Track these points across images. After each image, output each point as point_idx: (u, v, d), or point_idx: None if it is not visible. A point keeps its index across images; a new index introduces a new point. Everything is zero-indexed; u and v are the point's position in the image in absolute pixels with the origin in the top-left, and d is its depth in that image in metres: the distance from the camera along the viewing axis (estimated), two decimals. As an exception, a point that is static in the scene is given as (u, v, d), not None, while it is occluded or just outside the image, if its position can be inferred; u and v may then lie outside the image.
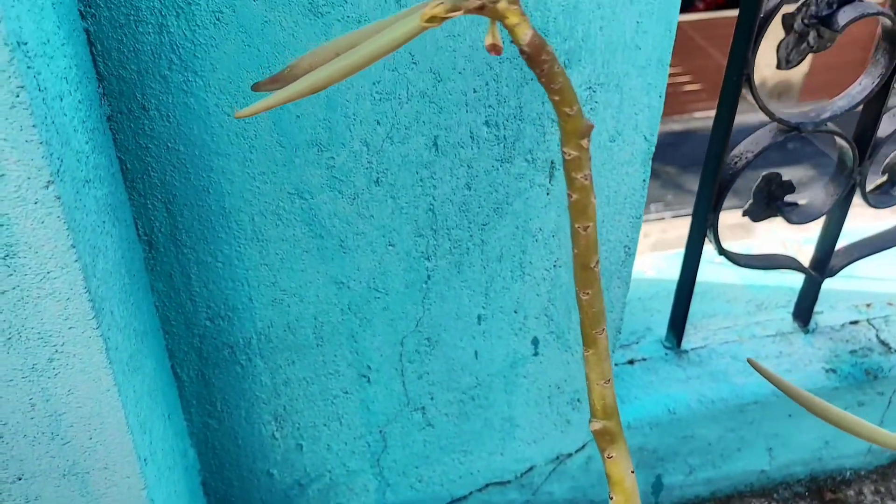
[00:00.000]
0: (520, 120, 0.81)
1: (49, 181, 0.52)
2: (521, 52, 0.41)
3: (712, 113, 1.02)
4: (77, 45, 0.64)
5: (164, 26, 0.69)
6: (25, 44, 0.50)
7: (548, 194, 0.87)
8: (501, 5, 0.42)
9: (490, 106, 0.80)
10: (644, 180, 0.90)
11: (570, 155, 0.44)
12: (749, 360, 0.67)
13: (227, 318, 0.88)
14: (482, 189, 0.85)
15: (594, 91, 0.82)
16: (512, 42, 0.41)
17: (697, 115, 9.88)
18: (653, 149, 0.88)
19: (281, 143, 0.77)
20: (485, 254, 0.90)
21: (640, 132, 0.86)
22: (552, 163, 0.85)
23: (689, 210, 1.11)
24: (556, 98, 0.42)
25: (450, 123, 0.80)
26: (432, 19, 0.43)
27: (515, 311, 0.97)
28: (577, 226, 0.46)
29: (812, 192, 1.13)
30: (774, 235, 1.47)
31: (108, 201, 0.69)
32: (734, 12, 0.95)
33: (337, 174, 0.80)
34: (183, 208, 0.79)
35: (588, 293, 0.48)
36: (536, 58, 0.41)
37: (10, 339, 0.58)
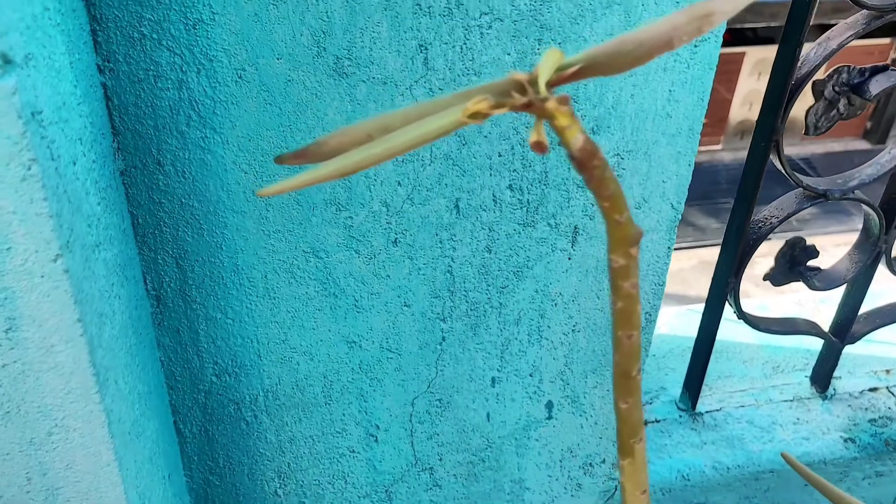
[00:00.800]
0: (544, 185, 0.79)
1: (58, 255, 0.50)
2: (571, 156, 0.39)
3: (713, 147, 1.00)
4: (93, 101, 0.62)
5: (184, 82, 0.66)
6: (40, 112, 0.48)
7: (569, 259, 0.85)
8: (551, 105, 0.39)
9: (514, 170, 0.77)
10: (669, 248, 0.87)
11: (617, 263, 0.41)
12: (784, 455, 0.64)
13: (234, 374, 0.85)
14: (502, 252, 0.83)
15: (622, 158, 0.79)
16: (560, 144, 0.39)
17: (699, 148, 9.87)
18: (679, 217, 0.85)
19: (298, 201, 0.75)
20: (502, 316, 0.88)
21: (667, 200, 0.83)
22: (575, 228, 0.83)
23: (688, 242, 1.08)
24: (606, 205, 0.40)
25: (472, 186, 0.77)
26: (475, 115, 0.41)
27: (531, 375, 0.94)
28: (620, 333, 0.43)
29: (835, 258, 1.10)
30: (791, 294, 1.44)
31: (118, 261, 0.66)
32: (737, 49, 0.92)
33: (354, 234, 0.78)
34: (194, 264, 0.77)
35: (628, 402, 0.46)
36: (587, 164, 0.38)
37: (8, 412, 0.55)
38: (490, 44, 0.70)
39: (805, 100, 0.95)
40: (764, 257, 1.17)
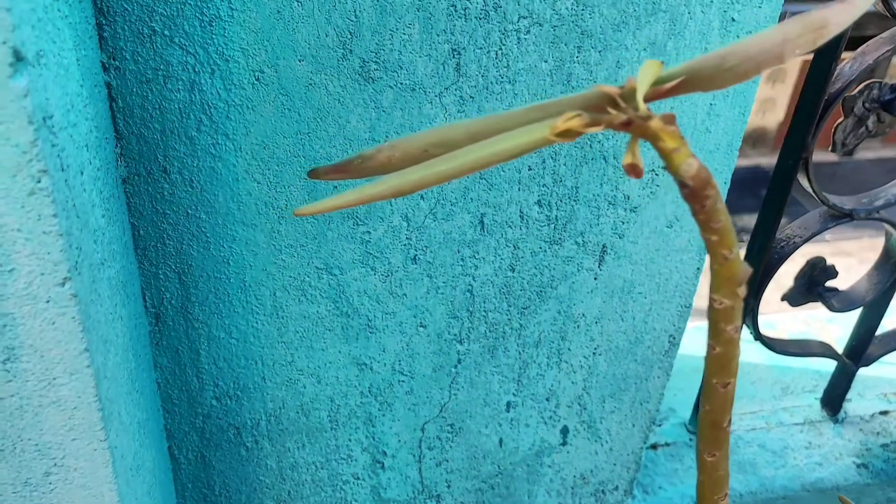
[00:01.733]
0: (574, 201, 0.74)
1: (66, 277, 0.44)
2: (681, 184, 0.34)
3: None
4: (98, 102, 0.56)
5: (197, 84, 0.61)
6: (51, 117, 0.42)
7: (595, 279, 0.80)
8: (655, 124, 0.34)
9: (544, 185, 0.73)
10: (699, 269, 0.83)
11: (721, 304, 0.37)
12: (841, 498, 0.59)
13: (235, 397, 0.79)
14: (526, 271, 0.78)
15: (656, 174, 0.75)
16: (665, 169, 0.34)
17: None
18: (711, 236, 0.81)
19: (314, 215, 0.69)
20: (522, 339, 0.83)
21: (699, 218, 0.79)
22: (604, 247, 0.78)
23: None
24: (714, 238, 0.35)
25: (499, 201, 0.73)
26: (566, 133, 0.36)
27: (547, 399, 0.89)
28: (714, 381, 0.39)
29: (854, 279, 1.07)
30: (797, 311, 1.41)
31: (120, 278, 0.60)
32: None
33: (371, 250, 0.73)
34: (198, 280, 0.71)
35: (715, 455, 0.41)
36: (699, 192, 0.34)
37: (2, 450, 0.49)
38: (527, 50, 0.65)
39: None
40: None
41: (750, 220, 1.04)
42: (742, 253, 0.99)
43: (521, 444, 0.92)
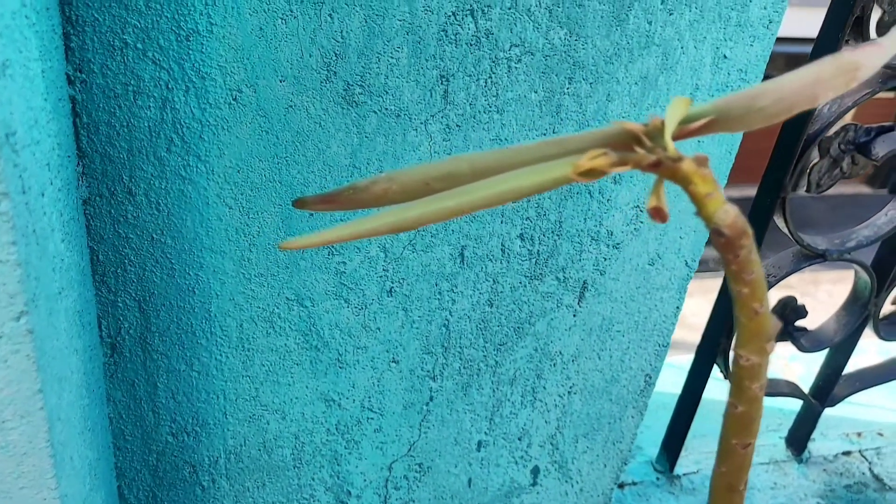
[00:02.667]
0: (557, 235, 0.72)
1: (22, 311, 0.39)
2: (714, 232, 0.32)
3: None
4: (61, 117, 0.52)
5: (169, 101, 0.57)
6: (14, 134, 0.38)
7: (574, 316, 0.78)
8: (687, 166, 0.32)
9: (528, 218, 0.70)
10: (678, 307, 0.81)
11: (748, 360, 0.34)
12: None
13: (193, 433, 0.74)
14: (505, 307, 0.75)
15: (640, 211, 0.73)
16: (697, 214, 0.32)
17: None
18: (692, 274, 0.80)
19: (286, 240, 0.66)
20: (497, 376, 0.80)
21: (681, 257, 0.78)
22: (584, 283, 0.76)
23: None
24: (745, 290, 0.33)
25: (481, 234, 0.70)
26: (589, 173, 0.33)
27: (520, 439, 0.86)
28: (734, 441, 0.36)
29: (823, 319, 1.07)
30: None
31: (76, 307, 0.56)
32: None
33: (346, 281, 0.69)
34: (160, 309, 0.66)
35: (726, 518, 0.38)
36: (735, 242, 0.31)
37: (-62, 501, 0.44)
38: (517, 79, 0.63)
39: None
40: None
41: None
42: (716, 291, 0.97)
43: (491, 484, 0.89)
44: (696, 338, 1.04)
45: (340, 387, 0.75)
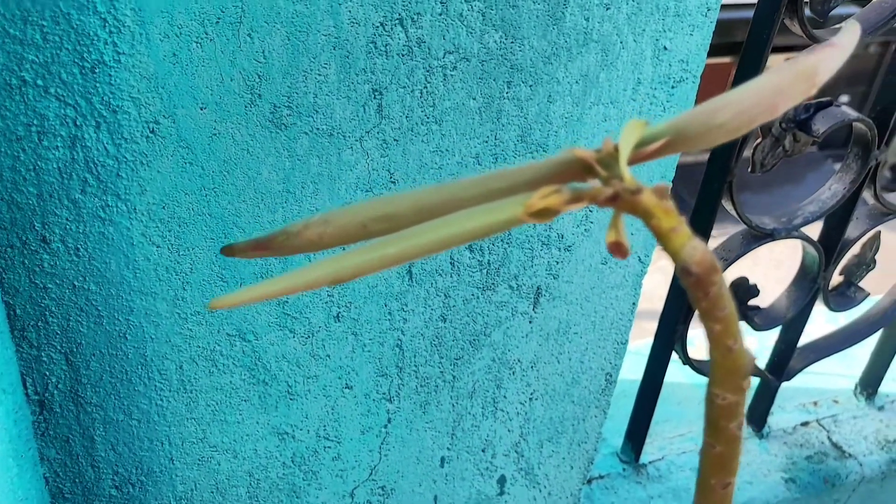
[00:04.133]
0: (507, 243, 0.69)
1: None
2: (682, 270, 0.29)
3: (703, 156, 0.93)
4: (-43, 168, 0.47)
5: (79, 139, 0.52)
6: None
7: (530, 322, 0.75)
8: (647, 198, 0.29)
9: (476, 229, 0.67)
10: (633, 303, 0.80)
11: (724, 399, 0.32)
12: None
13: (139, 483, 0.70)
14: (458, 320, 0.72)
15: (591, 210, 0.71)
16: (663, 250, 0.29)
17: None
18: (646, 270, 0.78)
19: (223, 276, 0.62)
20: (455, 391, 0.77)
21: (634, 253, 0.76)
22: (538, 289, 0.73)
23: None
24: (718, 328, 0.30)
25: (428, 249, 0.67)
26: (542, 213, 0.30)
27: (483, 450, 0.83)
28: (713, 482, 0.34)
29: (774, 296, 1.07)
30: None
31: (-5, 372, 0.51)
32: (724, 58, 0.87)
33: (289, 311, 0.65)
34: (90, 359, 0.62)
35: (714, 558, 0.36)
36: (705, 279, 0.29)
37: None
38: (454, 87, 0.59)
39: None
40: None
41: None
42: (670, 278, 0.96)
43: (457, 498, 0.86)
44: (658, 307, 1.01)
45: (293, 419, 0.72)
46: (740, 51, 0.80)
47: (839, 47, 0.34)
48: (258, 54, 0.53)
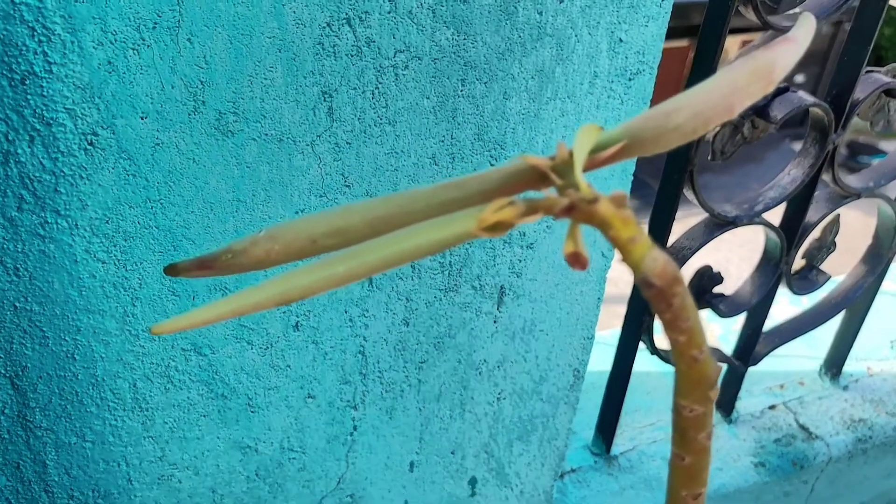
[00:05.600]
0: (468, 244, 0.68)
1: None
2: (642, 282, 0.28)
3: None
4: None
5: (12, 154, 0.49)
6: None
7: (495, 322, 0.74)
8: (604, 208, 0.28)
9: (435, 230, 0.66)
10: (599, 298, 0.79)
11: (692, 411, 0.31)
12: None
13: (97, 506, 0.68)
14: (422, 324, 0.71)
15: (552, 207, 0.70)
16: (622, 262, 0.28)
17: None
18: (610, 264, 0.77)
19: (174, 290, 0.59)
20: (421, 395, 0.76)
21: (597, 248, 0.75)
22: (501, 288, 0.72)
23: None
24: (682, 339, 0.29)
25: (387, 253, 0.65)
26: (496, 227, 0.29)
27: (452, 453, 0.82)
28: (684, 493, 0.33)
29: (738, 282, 1.07)
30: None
31: (-68, 404, 0.48)
32: (681, 41, 0.86)
33: (246, 322, 0.63)
34: (37, 382, 0.59)
35: (686, 570, 0.35)
36: (667, 291, 0.28)
37: None
38: (407, 86, 0.58)
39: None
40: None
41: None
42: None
43: (428, 502, 0.85)
44: (627, 293, 1.01)
45: (255, 431, 0.70)
46: (697, 33, 0.79)
47: (795, 42, 0.33)
48: (200, 59, 0.50)
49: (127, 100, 0.50)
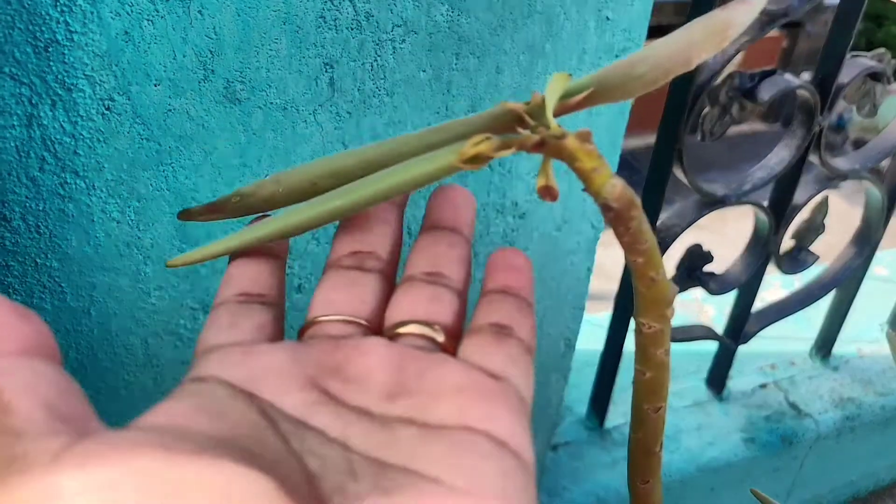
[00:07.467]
0: (463, 212, 0.71)
1: None
2: (603, 207, 0.31)
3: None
4: (-86, 147, 0.48)
5: (35, 118, 0.53)
6: None
7: (489, 290, 0.78)
8: (571, 143, 0.31)
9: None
10: (589, 268, 0.82)
11: (650, 328, 0.34)
12: (753, 491, 0.60)
13: (110, 459, 0.71)
14: (418, 289, 0.74)
15: (543, 178, 0.73)
16: (584, 190, 0.31)
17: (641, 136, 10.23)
18: (600, 235, 0.81)
19: (184, 251, 0.63)
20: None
21: (587, 219, 0.78)
22: (495, 256, 0.76)
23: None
24: (640, 260, 0.33)
25: (385, 220, 0.68)
26: (475, 159, 0.32)
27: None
28: (646, 407, 0.37)
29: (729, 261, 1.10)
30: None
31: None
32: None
33: (252, 283, 0.67)
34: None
35: (648, 482, 0.39)
36: (624, 214, 0.31)
37: None
38: (404, 59, 0.61)
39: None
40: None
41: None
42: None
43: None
44: (616, 287, 1.05)
45: (260, 391, 0.73)
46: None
47: (751, 4, 0.36)
48: (209, 30, 0.54)
49: (142, 68, 0.54)
